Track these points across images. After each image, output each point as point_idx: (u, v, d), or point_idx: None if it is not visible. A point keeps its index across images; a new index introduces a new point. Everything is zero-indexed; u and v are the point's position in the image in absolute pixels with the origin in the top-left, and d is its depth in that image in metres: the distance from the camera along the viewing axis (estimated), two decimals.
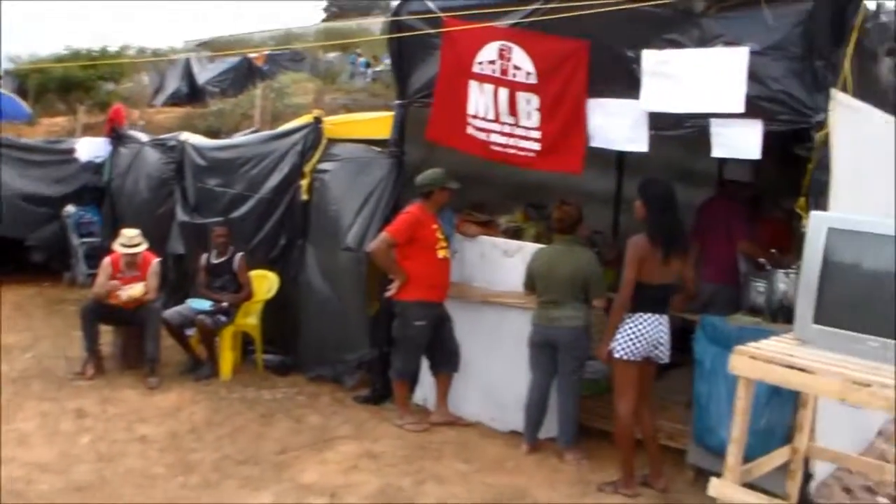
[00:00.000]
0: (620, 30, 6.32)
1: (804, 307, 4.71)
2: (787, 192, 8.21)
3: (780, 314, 6.01)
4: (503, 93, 6.93)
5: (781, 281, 6.07)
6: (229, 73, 26.70)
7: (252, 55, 28.37)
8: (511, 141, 7.00)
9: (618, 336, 5.91)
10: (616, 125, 6.51)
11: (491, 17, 6.91)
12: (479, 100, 7.09)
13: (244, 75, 26.17)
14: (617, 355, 5.91)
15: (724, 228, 7.54)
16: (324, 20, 50.92)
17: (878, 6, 5.72)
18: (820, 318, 4.63)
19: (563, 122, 6.72)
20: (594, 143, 6.68)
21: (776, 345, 4.74)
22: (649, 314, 5.90)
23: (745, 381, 4.59)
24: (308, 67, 28.97)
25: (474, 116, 7.13)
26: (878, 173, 6.58)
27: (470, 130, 7.18)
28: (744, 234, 7.46)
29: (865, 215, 4.94)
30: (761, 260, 6.54)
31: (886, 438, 7.17)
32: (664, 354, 6.03)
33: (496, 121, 7.02)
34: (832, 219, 4.73)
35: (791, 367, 4.43)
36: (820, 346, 4.60)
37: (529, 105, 6.84)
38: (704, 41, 5.93)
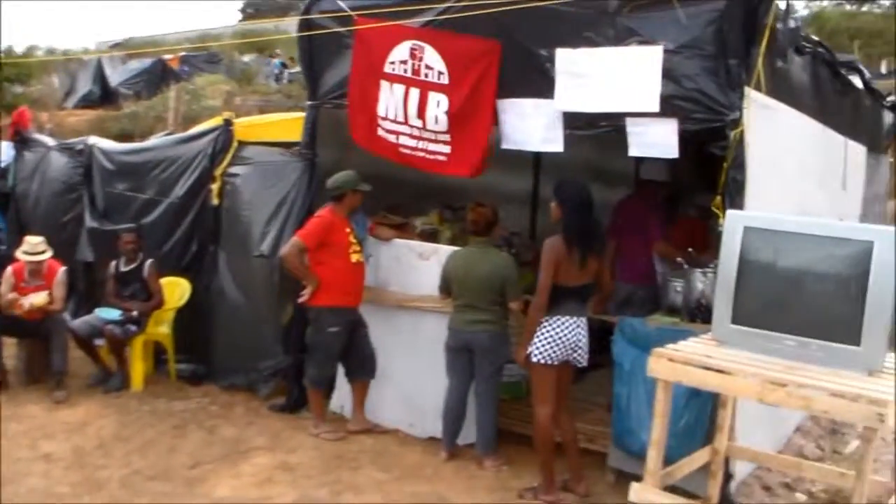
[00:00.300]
0: (534, 29, 6.24)
1: (721, 307, 4.68)
2: (703, 191, 8.29)
3: (699, 314, 6.01)
4: (414, 93, 6.79)
5: (699, 280, 6.06)
6: (143, 75, 26.16)
7: (167, 57, 27.90)
8: (420, 144, 6.87)
9: (535, 340, 5.82)
10: (530, 126, 6.42)
11: (403, 16, 6.77)
12: (388, 101, 6.94)
13: (158, 77, 25.70)
14: (535, 359, 5.82)
15: (640, 228, 7.50)
16: (240, 21, 50.34)
17: (788, 7, 5.72)
18: (737, 318, 4.62)
19: (472, 124, 6.61)
20: (507, 145, 6.59)
21: (694, 346, 4.71)
22: (567, 317, 5.82)
23: (663, 384, 4.55)
24: (224, 69, 28.61)
25: (384, 118, 6.99)
26: (790, 171, 6.61)
27: (381, 132, 7.04)
28: (660, 233, 7.43)
29: (780, 214, 4.95)
30: (679, 259, 6.50)
31: (804, 434, 7.23)
32: (583, 358, 5.96)
33: (405, 123, 6.88)
34: (748, 218, 4.72)
35: (709, 368, 4.40)
36: (738, 347, 4.59)
37: (439, 108, 6.69)
38: (619, 40, 5.87)
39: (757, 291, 4.58)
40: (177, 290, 8.65)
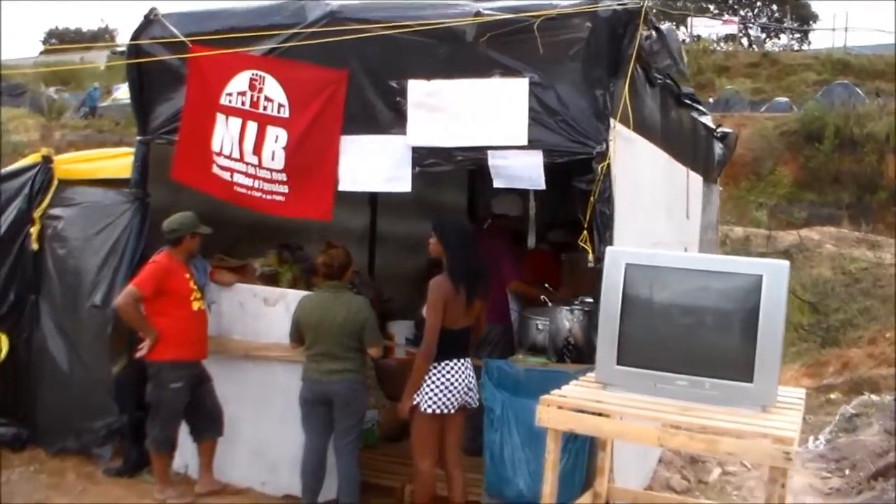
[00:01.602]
0: (385, 58, 5.97)
1: (605, 349, 4.48)
2: (553, 225, 8.18)
3: (567, 353, 5.79)
4: (252, 127, 6.37)
5: (566, 318, 5.85)
6: None
7: None
8: (256, 183, 6.44)
9: (426, 388, 5.44)
10: (375, 164, 6.09)
11: (244, 44, 6.35)
12: (224, 135, 6.49)
13: None
14: (429, 410, 5.43)
15: (492, 265, 7.25)
16: (42, 53, 48.06)
17: (653, 34, 5.62)
18: (623, 358, 4.42)
19: (313, 162, 6.24)
20: (346, 188, 6.21)
21: (580, 390, 4.49)
22: (455, 360, 5.50)
23: (553, 433, 4.28)
24: (28, 103, 27.19)
25: (218, 154, 6.53)
26: (647, 203, 6.54)
27: (215, 170, 6.57)
28: (513, 270, 7.21)
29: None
30: (542, 297, 6.30)
31: (667, 466, 7.14)
32: (475, 399, 5.63)
33: (241, 160, 6.44)
34: (629, 254, 4.55)
35: (602, 414, 4.18)
36: (625, 389, 4.41)
37: (277, 143, 6.29)
38: (479, 71, 5.65)
39: (643, 331, 4.42)
40: None
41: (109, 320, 6.81)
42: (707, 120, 8.92)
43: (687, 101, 7.88)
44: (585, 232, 5.41)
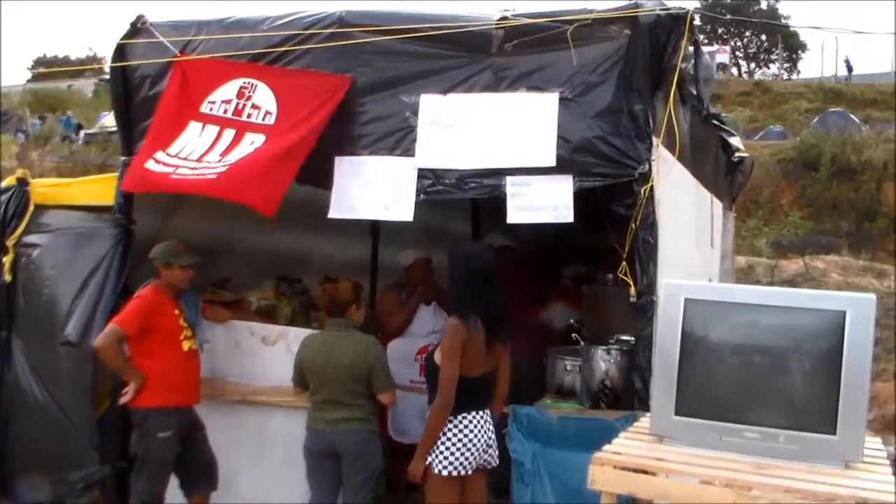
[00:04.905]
0: (397, 70, 5.46)
1: (662, 396, 3.92)
2: (570, 259, 7.65)
3: (602, 397, 5.20)
4: (228, 134, 5.74)
5: (601, 359, 5.27)
6: None
7: None
8: (195, 173, 5.58)
9: (440, 447, 4.78)
10: (374, 189, 5.53)
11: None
12: (188, 142, 5.79)
13: None
14: (445, 472, 4.75)
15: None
16: (29, 80, 47.91)
17: (697, 44, 5.08)
18: (682, 408, 3.86)
19: (270, 152, 5.51)
20: (338, 214, 5.62)
21: (635, 445, 3.91)
22: (474, 413, 4.83)
23: (608, 496, 3.69)
24: (14, 129, 27.14)
25: (168, 154, 5.76)
26: (682, 230, 6.01)
27: (149, 164, 5.74)
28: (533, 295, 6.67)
29: (725, 284, 4.28)
30: (574, 335, 5.73)
31: None
32: (494, 457, 4.96)
33: (197, 161, 5.68)
34: (689, 288, 3.97)
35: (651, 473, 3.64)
36: (685, 443, 3.85)
37: (251, 146, 5.62)
38: (501, 85, 5.12)
39: (706, 376, 3.87)
40: None
41: (88, 358, 6.17)
42: (736, 141, 8.36)
43: (714, 122, 7.34)
44: (625, 263, 4.87)
